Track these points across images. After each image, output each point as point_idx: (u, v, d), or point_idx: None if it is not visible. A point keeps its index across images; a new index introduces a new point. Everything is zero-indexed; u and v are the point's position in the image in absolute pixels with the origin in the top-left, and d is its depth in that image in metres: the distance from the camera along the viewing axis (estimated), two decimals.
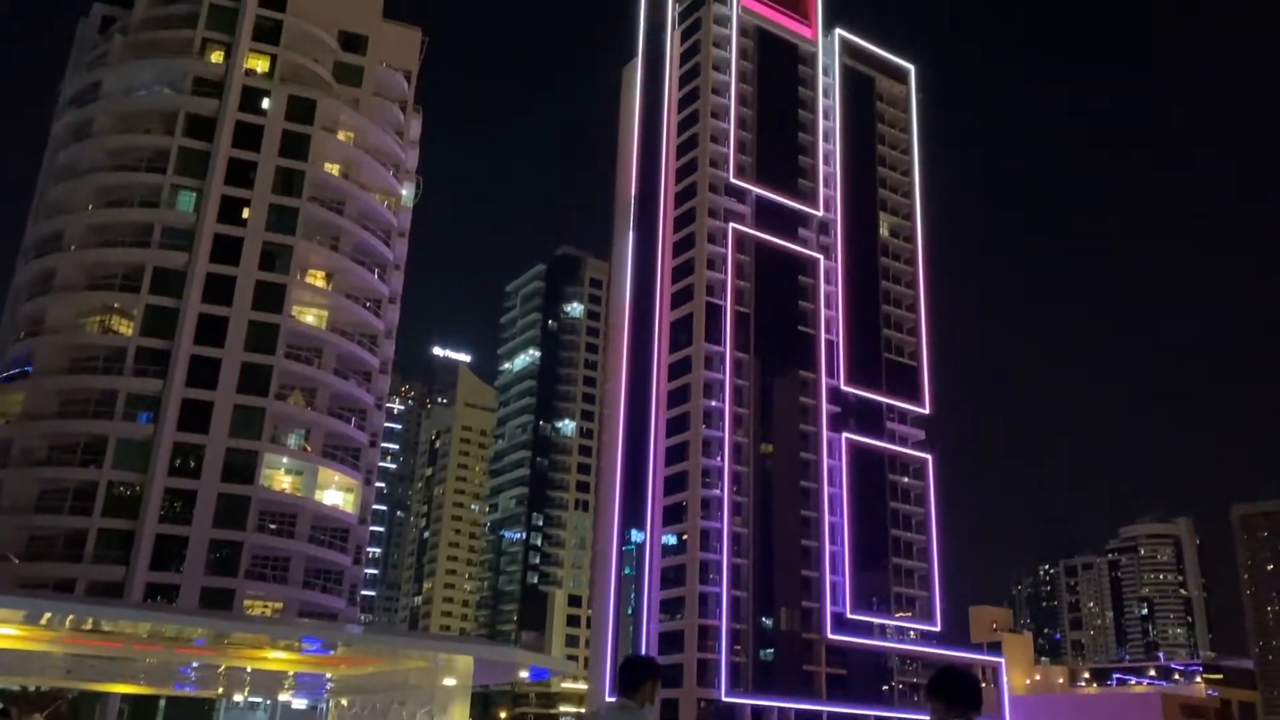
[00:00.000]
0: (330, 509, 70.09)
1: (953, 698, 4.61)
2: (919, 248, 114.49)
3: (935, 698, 4.63)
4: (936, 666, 4.80)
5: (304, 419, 70.04)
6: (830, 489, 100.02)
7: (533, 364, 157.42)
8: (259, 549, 65.28)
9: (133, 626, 8.05)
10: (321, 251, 73.17)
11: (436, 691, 10.69)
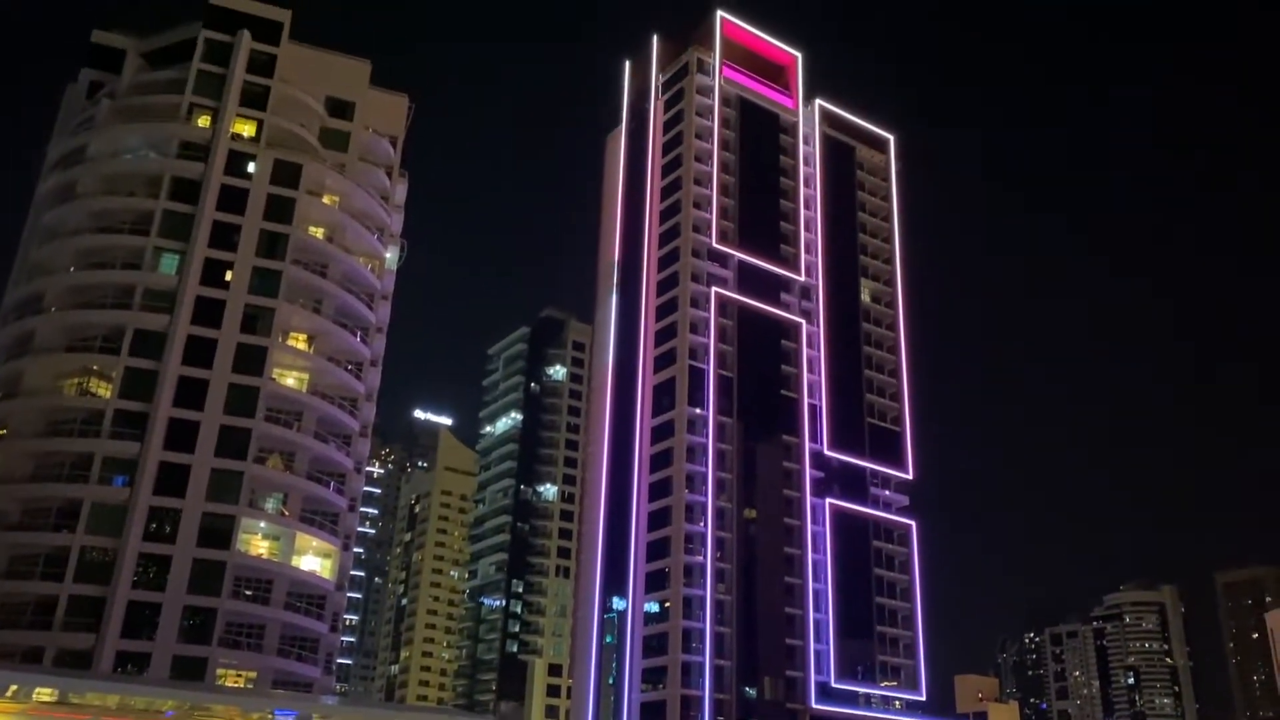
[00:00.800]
0: (307, 575, 68.94)
1: None
2: (900, 313, 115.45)
3: None
4: None
5: (282, 483, 69.23)
6: (814, 555, 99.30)
7: (514, 427, 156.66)
8: (233, 616, 63.94)
9: (101, 699, 7.69)
10: (304, 314, 73.04)
11: None
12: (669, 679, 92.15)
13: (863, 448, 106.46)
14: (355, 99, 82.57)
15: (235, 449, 66.23)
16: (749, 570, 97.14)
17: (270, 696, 13.95)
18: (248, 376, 68.12)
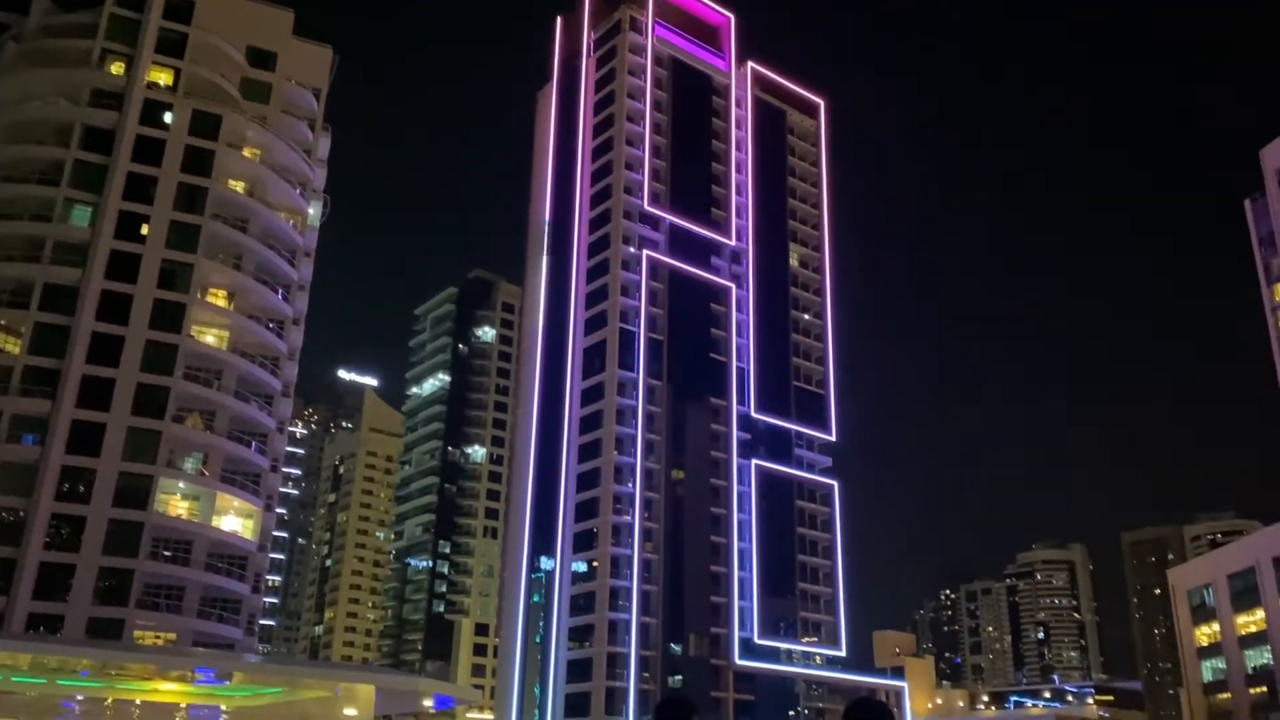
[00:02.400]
0: (228, 535, 67.87)
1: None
2: (827, 278, 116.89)
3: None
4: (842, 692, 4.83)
5: (202, 442, 67.84)
6: (740, 515, 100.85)
7: (442, 389, 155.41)
8: (151, 577, 62.77)
9: (12, 658, 7.54)
10: (223, 270, 71.28)
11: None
12: (596, 637, 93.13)
13: (789, 410, 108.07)
14: (277, 49, 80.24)
15: (152, 407, 64.62)
16: (676, 530, 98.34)
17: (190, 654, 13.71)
18: (165, 333, 66.35)
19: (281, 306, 75.50)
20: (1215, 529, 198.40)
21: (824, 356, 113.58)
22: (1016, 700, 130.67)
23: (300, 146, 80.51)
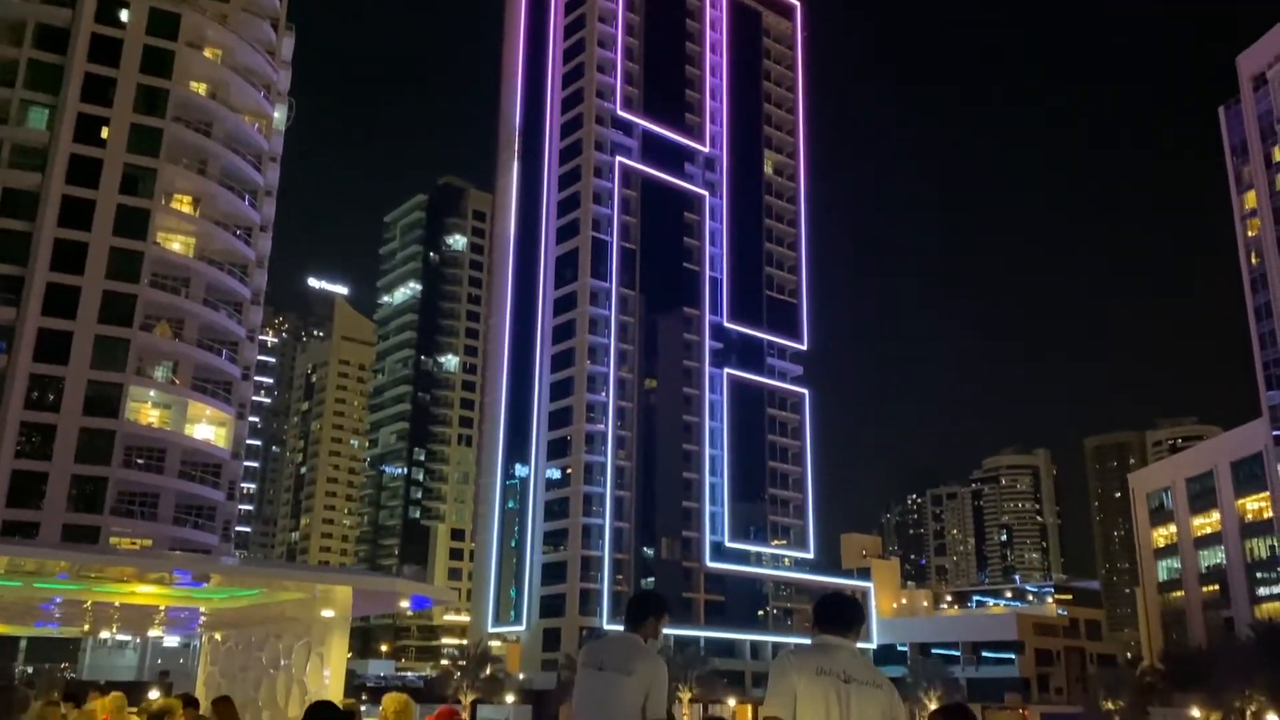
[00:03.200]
0: (201, 444, 67.86)
1: (835, 620, 4.73)
2: (801, 185, 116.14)
3: (819, 621, 4.75)
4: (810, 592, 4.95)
5: (171, 351, 67.27)
6: (711, 423, 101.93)
7: (413, 297, 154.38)
8: (125, 485, 62.87)
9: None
10: (188, 175, 69.72)
11: (314, 624, 10.45)
12: (570, 541, 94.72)
13: (761, 319, 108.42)
14: None
15: (120, 315, 63.81)
16: (648, 438, 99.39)
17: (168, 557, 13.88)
18: (130, 240, 65.15)
19: (248, 213, 74.20)
20: (1176, 434, 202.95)
21: (797, 265, 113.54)
22: (979, 600, 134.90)
23: (263, 47, 78.11)
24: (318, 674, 10.02)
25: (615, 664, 5.35)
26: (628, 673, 5.26)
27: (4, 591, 9.84)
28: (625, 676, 5.25)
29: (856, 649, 4.68)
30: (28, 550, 9.04)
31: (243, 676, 11.83)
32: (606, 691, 5.29)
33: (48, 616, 12.10)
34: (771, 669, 4.64)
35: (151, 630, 14.69)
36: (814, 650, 4.56)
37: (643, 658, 5.36)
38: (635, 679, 5.24)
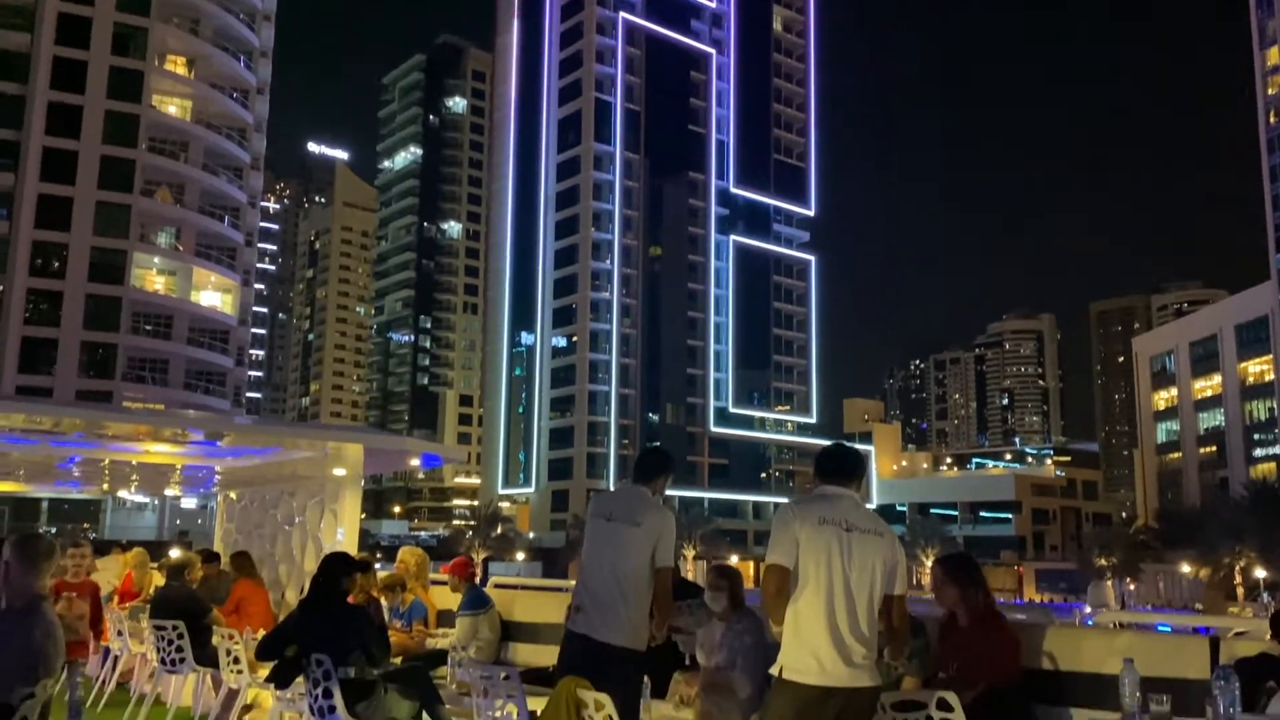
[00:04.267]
0: (208, 310, 68.10)
1: (836, 470, 4.76)
2: (810, 44, 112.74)
3: (820, 472, 4.78)
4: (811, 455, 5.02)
5: (173, 216, 66.77)
6: (716, 290, 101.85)
7: (414, 162, 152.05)
8: (135, 351, 63.40)
9: (6, 419, 7.78)
10: (180, 35, 67.74)
11: (327, 482, 10.66)
12: (576, 407, 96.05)
13: (768, 184, 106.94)
14: None
15: (119, 181, 63.06)
16: (653, 305, 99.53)
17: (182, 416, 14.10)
18: (125, 103, 63.79)
19: (244, 74, 72.43)
20: (1182, 298, 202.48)
21: (806, 127, 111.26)
22: (978, 462, 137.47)
23: None
24: (331, 530, 10.26)
25: (624, 515, 5.44)
26: (635, 524, 5.35)
27: (23, 451, 10.01)
28: (633, 527, 5.35)
29: (858, 498, 4.75)
30: (45, 407, 9.18)
31: (259, 533, 12.14)
32: (614, 542, 5.40)
33: (67, 476, 12.35)
34: (774, 520, 4.70)
35: (168, 490, 15.03)
36: (816, 500, 4.61)
37: (651, 509, 5.45)
38: (643, 530, 5.33)
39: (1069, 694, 5.08)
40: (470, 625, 7.95)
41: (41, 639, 4.08)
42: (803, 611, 4.35)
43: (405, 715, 6.42)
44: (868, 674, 4.36)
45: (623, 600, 5.26)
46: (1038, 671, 5.25)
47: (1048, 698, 5.06)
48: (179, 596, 8.94)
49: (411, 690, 6.53)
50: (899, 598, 4.49)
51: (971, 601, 5.22)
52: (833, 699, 4.29)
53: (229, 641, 7.96)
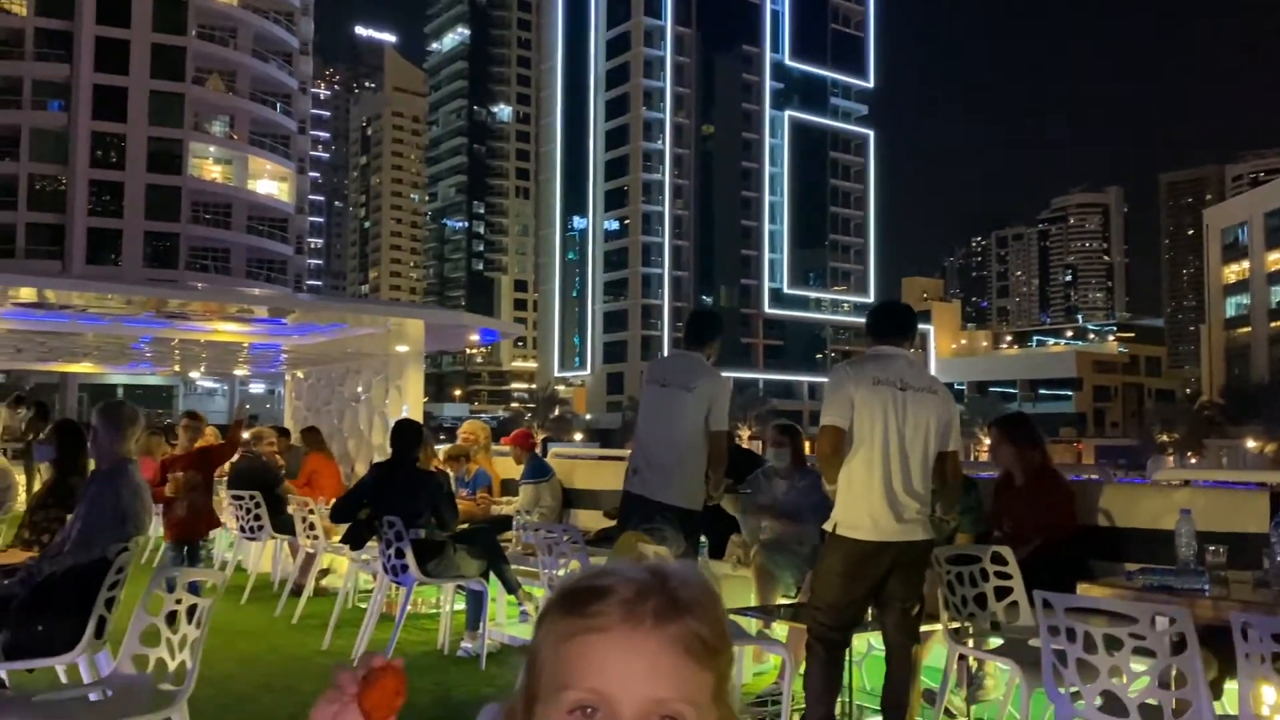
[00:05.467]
0: (265, 198, 68.73)
1: (890, 329, 4.75)
2: None
3: (873, 331, 4.77)
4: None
5: (226, 104, 66.84)
6: (771, 169, 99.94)
7: (462, 44, 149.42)
8: (196, 241, 64.48)
9: (81, 298, 8.07)
10: None
11: (390, 359, 10.92)
12: (630, 290, 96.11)
13: (824, 56, 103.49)
14: None
15: (171, 69, 63.04)
16: (706, 186, 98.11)
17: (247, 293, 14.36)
18: None
19: None
20: (1258, 168, 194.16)
21: None
22: (1039, 339, 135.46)
23: None
24: (396, 406, 10.55)
25: (678, 380, 5.50)
26: (689, 389, 5.40)
27: (97, 331, 10.33)
28: (687, 392, 5.40)
29: (912, 357, 4.75)
30: (115, 286, 9.46)
31: (326, 410, 12.50)
32: (669, 406, 5.47)
33: (139, 357, 12.76)
34: (828, 381, 4.73)
35: (237, 370, 15.48)
36: (870, 360, 4.62)
37: (704, 374, 5.49)
38: (696, 394, 5.38)
39: (1125, 549, 5.13)
40: (533, 493, 8.20)
41: (129, 497, 4.30)
42: (857, 469, 4.41)
43: (473, 573, 6.70)
44: (920, 528, 4.45)
45: (678, 463, 5.36)
46: (1094, 528, 5.30)
47: (1104, 553, 5.11)
48: (254, 468, 9.32)
49: (479, 550, 6.80)
50: (953, 453, 4.53)
51: (1027, 460, 5.25)
52: (885, 553, 4.39)
53: (304, 509, 8.31)
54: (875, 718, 4.70)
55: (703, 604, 0.86)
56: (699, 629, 0.85)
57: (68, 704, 3.41)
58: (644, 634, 0.84)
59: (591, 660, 0.85)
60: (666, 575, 0.88)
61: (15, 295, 8.18)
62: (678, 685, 0.84)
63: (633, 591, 0.86)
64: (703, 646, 0.85)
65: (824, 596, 4.46)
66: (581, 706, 0.84)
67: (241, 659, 6.30)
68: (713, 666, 0.86)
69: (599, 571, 0.90)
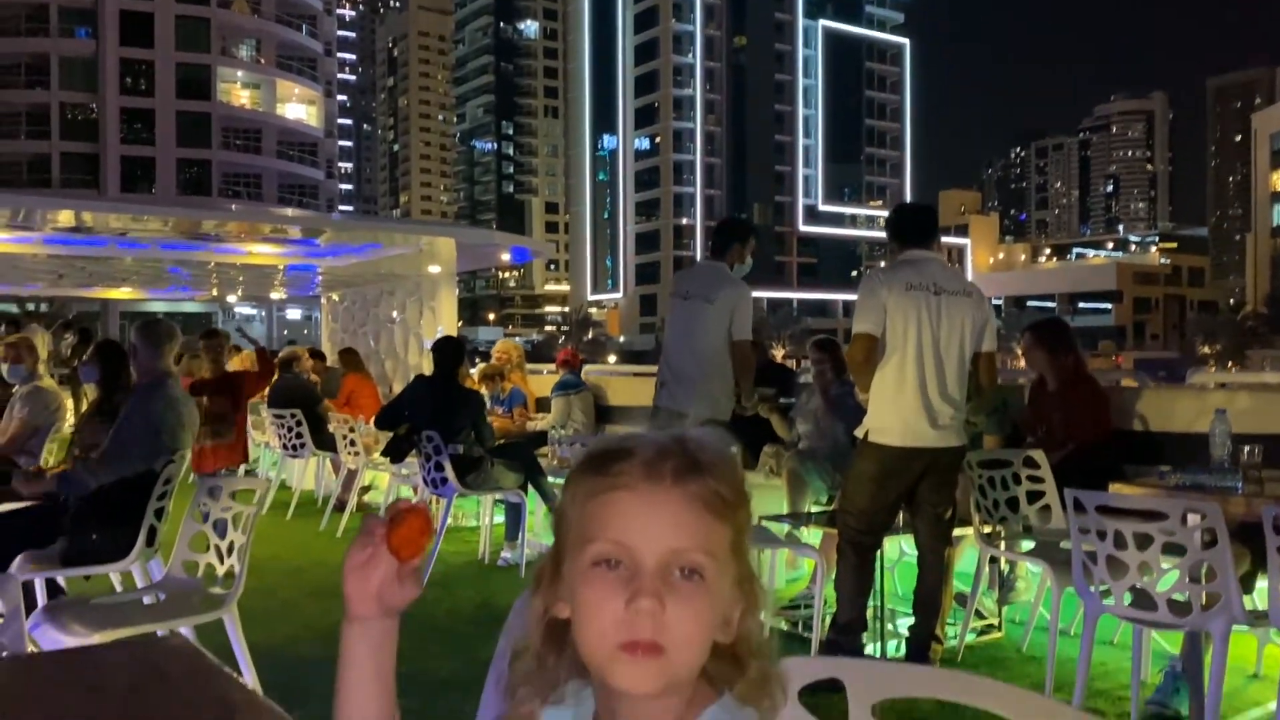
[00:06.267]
0: (294, 123, 68.50)
1: (918, 232, 4.69)
2: None
3: (899, 236, 4.71)
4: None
5: (251, 27, 66.26)
6: (805, 81, 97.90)
7: None
8: (228, 166, 64.64)
9: (119, 220, 8.16)
10: None
11: (423, 280, 11.00)
12: (661, 210, 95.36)
13: None
14: None
15: None
16: (738, 100, 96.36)
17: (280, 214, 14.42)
18: None
19: None
20: None
21: None
22: (1079, 252, 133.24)
23: None
24: (431, 327, 10.65)
25: (699, 291, 5.47)
26: (709, 300, 5.36)
27: (135, 255, 10.45)
28: (708, 304, 5.35)
29: (943, 260, 4.71)
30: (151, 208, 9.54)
31: (362, 332, 12.64)
32: (691, 319, 5.44)
33: (177, 280, 12.93)
34: (860, 289, 4.70)
35: (274, 294, 15.64)
36: (903, 265, 4.57)
37: (725, 284, 5.43)
38: (717, 306, 5.33)
39: (1161, 453, 5.11)
40: (564, 405, 8.30)
41: (162, 411, 4.41)
42: (890, 377, 4.40)
43: (511, 485, 6.83)
44: (954, 434, 4.44)
45: (702, 376, 5.35)
46: (1129, 432, 5.28)
47: (1139, 457, 5.10)
48: (293, 386, 9.48)
49: (516, 464, 6.92)
50: (988, 354, 4.51)
51: (1060, 364, 5.22)
52: (918, 459, 4.40)
53: (345, 427, 8.48)
54: (907, 619, 4.78)
55: (719, 464, 0.90)
56: (716, 486, 0.89)
57: (124, 606, 3.56)
58: (664, 490, 0.89)
59: (615, 515, 0.89)
60: (686, 439, 0.92)
61: (54, 220, 8.28)
62: (696, 537, 0.88)
63: (654, 452, 0.90)
64: (721, 502, 0.89)
65: (855, 502, 4.49)
66: (606, 559, 0.88)
67: (288, 570, 6.50)
68: (730, 521, 0.90)
69: (623, 436, 0.95)
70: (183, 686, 1.33)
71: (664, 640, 0.86)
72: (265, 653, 3.86)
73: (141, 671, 1.40)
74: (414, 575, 0.94)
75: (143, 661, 1.47)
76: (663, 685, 0.88)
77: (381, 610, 0.95)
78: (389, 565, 0.93)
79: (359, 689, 0.96)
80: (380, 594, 0.94)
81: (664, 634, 0.86)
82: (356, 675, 0.96)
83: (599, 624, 0.88)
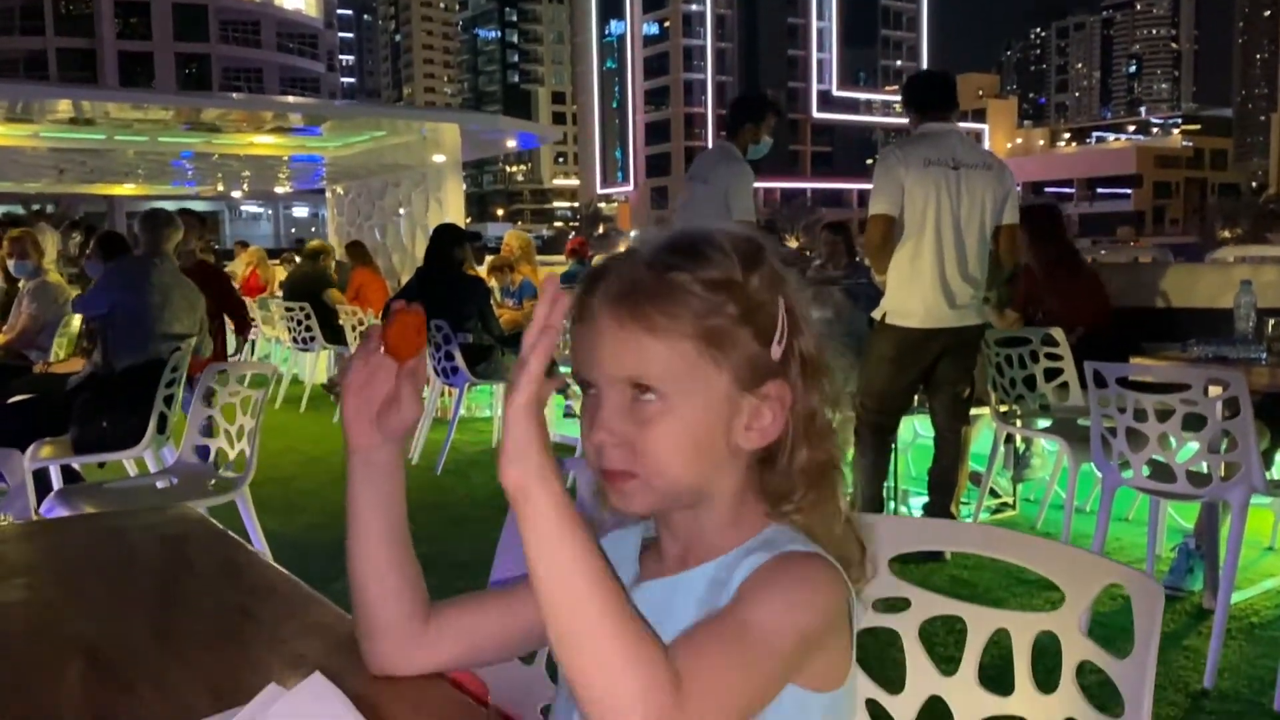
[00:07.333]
0: (293, 14, 67.08)
1: (935, 102, 4.51)
2: None
3: (915, 106, 4.54)
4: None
5: None
6: None
7: None
8: (228, 61, 63.50)
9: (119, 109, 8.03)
10: None
11: (428, 170, 10.84)
12: (672, 98, 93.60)
13: None
14: None
15: None
16: None
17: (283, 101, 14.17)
18: None
19: None
20: None
21: None
22: (1099, 136, 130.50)
23: None
24: (438, 218, 10.56)
25: (700, 173, 5.33)
26: (705, 180, 5.22)
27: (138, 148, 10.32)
28: (704, 185, 5.21)
29: (963, 131, 4.55)
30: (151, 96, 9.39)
31: (368, 225, 12.56)
32: (692, 200, 5.33)
33: (181, 175, 12.79)
34: (876, 167, 4.56)
35: (279, 187, 15.47)
36: (920, 140, 4.41)
37: (721, 163, 5.23)
38: (711, 186, 5.17)
39: (1183, 329, 5.02)
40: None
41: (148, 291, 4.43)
42: (908, 257, 4.30)
43: None
44: (974, 313, 4.37)
45: None
46: (1150, 309, 5.19)
47: (1160, 334, 5.01)
48: (308, 273, 9.46)
49: None
50: (1010, 226, 4.40)
51: (1041, 252, 5.07)
52: (936, 340, 4.33)
53: (354, 319, 8.45)
54: (921, 498, 4.78)
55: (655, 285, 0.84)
56: (656, 304, 0.83)
57: (137, 490, 3.59)
58: (601, 318, 0.85)
59: (575, 347, 0.88)
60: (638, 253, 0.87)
61: (53, 110, 8.12)
62: (641, 358, 0.83)
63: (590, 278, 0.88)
64: (665, 316, 0.83)
65: (872, 384, 4.43)
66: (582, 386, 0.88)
67: (303, 460, 6.55)
68: (688, 330, 0.83)
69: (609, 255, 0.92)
70: (200, 554, 1.33)
71: (635, 467, 0.84)
72: (282, 539, 3.90)
73: (158, 540, 1.41)
74: (413, 396, 0.91)
75: (158, 529, 1.47)
76: (651, 505, 0.87)
77: (382, 437, 0.92)
78: (388, 376, 0.90)
79: (366, 535, 0.94)
80: (381, 416, 0.92)
81: (635, 461, 0.84)
82: (364, 517, 0.94)
83: (586, 453, 0.88)
